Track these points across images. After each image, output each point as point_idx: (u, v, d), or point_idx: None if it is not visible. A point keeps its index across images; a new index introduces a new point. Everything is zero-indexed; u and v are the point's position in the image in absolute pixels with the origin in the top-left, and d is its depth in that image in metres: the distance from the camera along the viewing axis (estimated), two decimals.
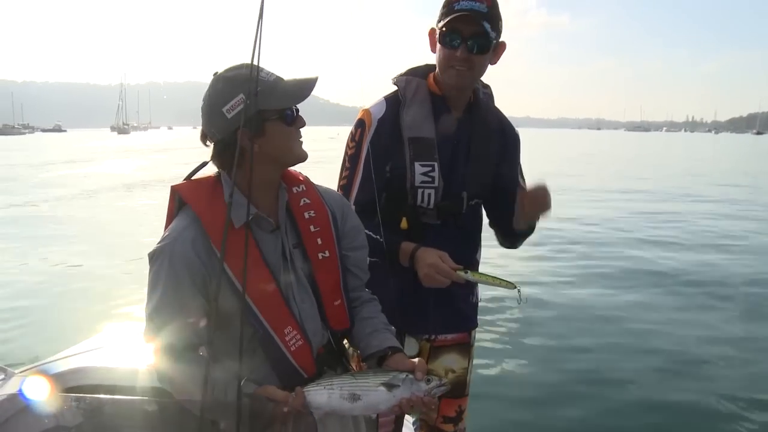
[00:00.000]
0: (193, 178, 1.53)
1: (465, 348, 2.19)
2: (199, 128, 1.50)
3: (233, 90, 1.42)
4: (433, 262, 1.83)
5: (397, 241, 1.91)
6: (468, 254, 2.08)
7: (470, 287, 2.13)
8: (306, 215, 1.58)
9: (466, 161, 1.99)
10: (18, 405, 2.17)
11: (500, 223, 2.11)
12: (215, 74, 1.47)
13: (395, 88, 2.02)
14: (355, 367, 1.72)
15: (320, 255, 1.58)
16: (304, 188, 1.62)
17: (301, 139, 1.52)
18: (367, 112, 1.96)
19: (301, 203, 1.59)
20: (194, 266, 1.42)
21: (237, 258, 1.37)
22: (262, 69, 1.42)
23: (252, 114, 1.40)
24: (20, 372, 2.42)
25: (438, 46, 1.92)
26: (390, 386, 1.42)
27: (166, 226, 1.51)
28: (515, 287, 1.80)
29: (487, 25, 1.83)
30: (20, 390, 2.20)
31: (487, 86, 2.11)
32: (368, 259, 1.72)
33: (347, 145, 1.99)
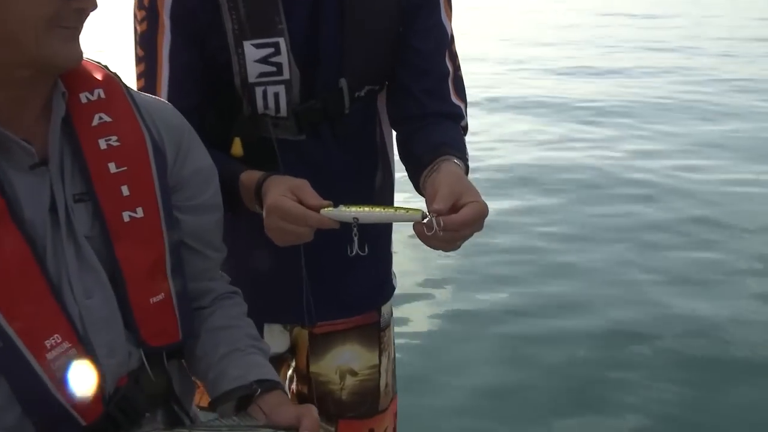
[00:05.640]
0: None
1: (371, 332, 1.38)
2: None
3: None
4: (273, 202, 1.03)
5: (235, 173, 1.13)
6: (365, 185, 1.31)
7: (378, 247, 1.35)
8: (104, 144, 0.95)
9: (340, 26, 1.19)
10: None
11: (403, 135, 1.30)
12: None
13: None
14: (198, 408, 1.10)
15: (127, 215, 0.95)
16: (103, 95, 0.97)
17: (75, 28, 0.88)
18: None
19: (96, 122, 0.96)
20: None
21: None
22: None
23: None
24: None
25: None
26: None
27: None
28: (423, 215, 1.03)
29: None
30: None
31: None
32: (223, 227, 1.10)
33: (134, 17, 1.19)
